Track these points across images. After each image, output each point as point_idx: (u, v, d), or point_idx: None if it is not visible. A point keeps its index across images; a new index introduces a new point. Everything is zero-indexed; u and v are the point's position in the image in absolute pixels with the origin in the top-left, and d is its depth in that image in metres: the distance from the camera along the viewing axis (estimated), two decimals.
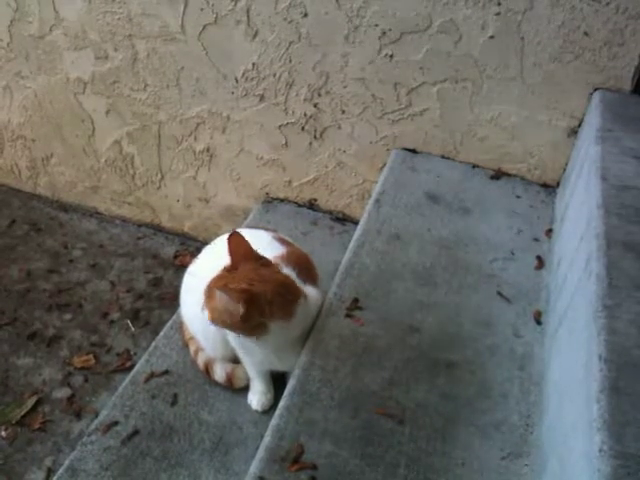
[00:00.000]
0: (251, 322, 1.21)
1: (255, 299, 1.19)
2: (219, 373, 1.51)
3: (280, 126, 2.07)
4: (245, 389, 1.51)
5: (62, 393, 1.87)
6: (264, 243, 1.40)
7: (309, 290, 1.35)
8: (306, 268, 1.41)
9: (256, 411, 1.48)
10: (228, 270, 1.26)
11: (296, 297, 1.27)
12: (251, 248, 1.27)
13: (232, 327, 1.25)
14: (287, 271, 1.32)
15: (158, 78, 2.13)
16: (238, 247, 1.26)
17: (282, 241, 1.46)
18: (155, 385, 1.55)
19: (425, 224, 1.68)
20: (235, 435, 1.45)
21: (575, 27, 1.61)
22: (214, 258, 1.49)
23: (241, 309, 1.18)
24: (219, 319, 1.24)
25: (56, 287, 2.24)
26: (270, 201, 2.26)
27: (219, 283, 1.22)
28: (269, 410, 1.46)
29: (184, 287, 1.55)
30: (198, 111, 2.15)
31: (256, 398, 1.48)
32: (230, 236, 1.26)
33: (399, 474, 1.08)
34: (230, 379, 1.51)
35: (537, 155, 1.84)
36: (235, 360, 1.50)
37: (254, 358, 1.41)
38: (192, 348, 1.57)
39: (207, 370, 1.53)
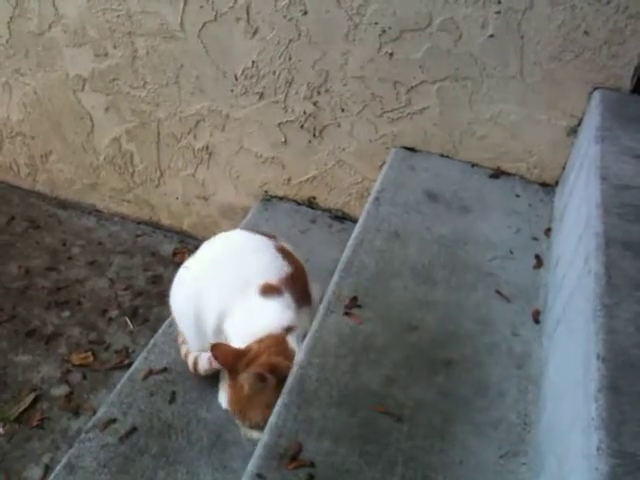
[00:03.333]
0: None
1: (280, 369, 1.25)
2: (203, 363, 1.51)
3: (279, 124, 2.07)
4: None
5: (60, 390, 1.87)
6: (267, 259, 1.42)
7: (304, 316, 1.38)
8: (303, 287, 1.43)
9: (226, 410, 1.48)
10: (232, 379, 1.28)
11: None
12: (236, 350, 1.29)
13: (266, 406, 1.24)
14: (287, 296, 1.35)
15: (157, 75, 2.13)
16: (226, 355, 1.28)
17: (283, 253, 1.45)
18: (153, 382, 1.55)
19: (424, 222, 1.68)
20: (233, 433, 1.45)
21: (575, 26, 1.61)
22: (212, 254, 1.50)
23: (272, 379, 1.23)
24: (257, 407, 1.26)
25: (55, 284, 2.24)
26: (269, 199, 2.26)
27: (242, 383, 1.26)
28: None
29: (176, 281, 1.54)
30: (197, 109, 2.15)
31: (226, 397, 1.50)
32: (213, 348, 1.28)
33: (397, 472, 1.08)
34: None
35: (536, 154, 1.84)
36: None
37: None
38: (183, 349, 1.57)
39: (195, 369, 1.53)
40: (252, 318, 1.34)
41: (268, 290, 1.36)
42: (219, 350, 1.29)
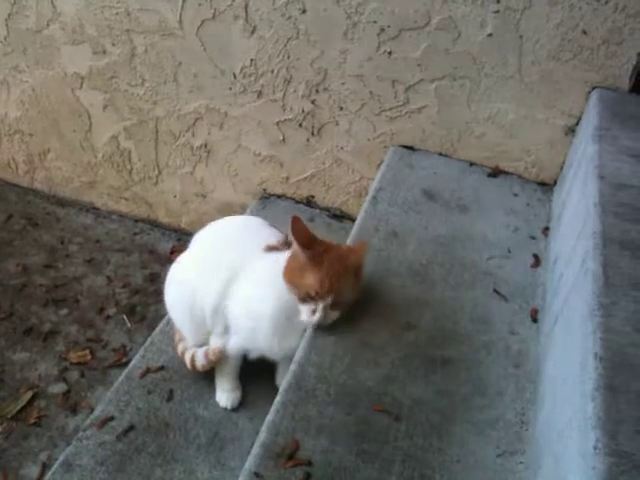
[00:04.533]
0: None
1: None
2: (200, 358, 1.51)
3: (278, 122, 2.07)
4: None
5: (58, 388, 1.87)
6: (263, 230, 1.42)
7: None
8: None
9: (224, 408, 1.49)
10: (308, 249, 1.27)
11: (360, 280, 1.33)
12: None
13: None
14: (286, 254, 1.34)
15: (156, 73, 2.13)
16: (303, 231, 1.28)
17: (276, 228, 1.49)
18: (151, 380, 1.55)
19: (422, 221, 1.68)
20: (230, 431, 1.45)
21: (573, 25, 1.61)
22: (203, 244, 1.51)
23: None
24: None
25: (52, 282, 2.23)
26: (267, 197, 2.26)
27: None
28: (237, 407, 1.51)
29: (170, 277, 1.55)
30: (196, 107, 2.15)
31: (225, 396, 1.50)
32: (291, 220, 1.27)
33: (394, 470, 1.08)
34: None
35: (534, 153, 1.84)
36: None
37: (254, 343, 1.39)
38: (179, 347, 1.57)
39: (193, 365, 1.52)
40: (262, 274, 1.34)
41: (271, 248, 1.37)
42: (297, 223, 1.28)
